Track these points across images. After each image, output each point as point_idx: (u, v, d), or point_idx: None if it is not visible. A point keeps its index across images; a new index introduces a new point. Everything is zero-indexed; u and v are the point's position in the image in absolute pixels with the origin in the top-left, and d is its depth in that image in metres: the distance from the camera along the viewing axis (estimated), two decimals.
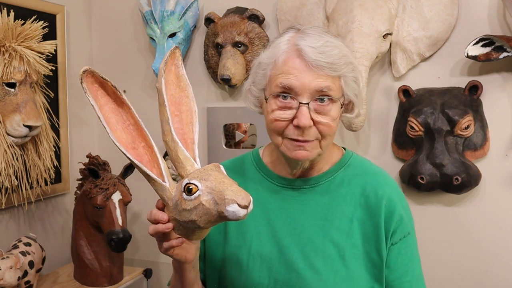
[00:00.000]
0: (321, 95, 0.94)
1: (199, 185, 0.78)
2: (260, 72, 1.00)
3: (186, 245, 0.90)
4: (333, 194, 1.03)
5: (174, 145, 0.85)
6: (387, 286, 1.02)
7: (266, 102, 0.98)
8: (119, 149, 0.82)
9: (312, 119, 0.93)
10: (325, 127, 0.95)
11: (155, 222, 0.84)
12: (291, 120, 0.94)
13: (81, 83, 0.81)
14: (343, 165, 1.07)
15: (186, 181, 0.80)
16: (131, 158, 0.82)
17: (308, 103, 0.93)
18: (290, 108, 0.95)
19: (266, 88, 0.99)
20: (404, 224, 1.02)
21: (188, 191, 0.79)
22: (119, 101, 0.84)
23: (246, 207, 0.76)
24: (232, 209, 0.75)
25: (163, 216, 0.84)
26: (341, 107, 0.99)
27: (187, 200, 0.79)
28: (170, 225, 0.83)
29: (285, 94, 0.94)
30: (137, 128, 0.85)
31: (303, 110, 0.93)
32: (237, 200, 0.75)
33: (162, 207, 0.86)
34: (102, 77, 0.82)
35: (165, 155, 1.78)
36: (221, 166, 0.83)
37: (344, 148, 1.12)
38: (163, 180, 0.83)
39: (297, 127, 0.94)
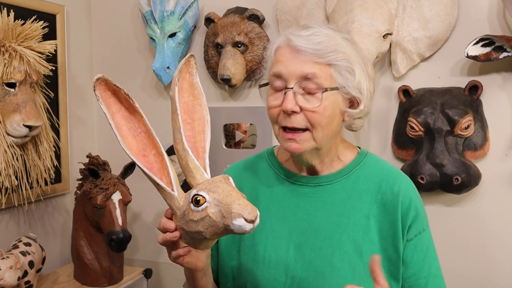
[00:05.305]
0: (307, 82, 0.95)
1: (207, 197, 0.79)
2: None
3: (196, 253, 0.91)
4: (349, 192, 1.04)
5: (184, 154, 0.86)
6: (403, 283, 1.02)
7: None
8: (130, 157, 0.82)
9: (299, 105, 0.95)
10: (312, 113, 0.95)
11: (164, 231, 0.85)
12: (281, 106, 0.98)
13: (94, 90, 0.82)
14: (358, 163, 1.07)
15: (194, 192, 0.80)
16: (141, 166, 0.82)
17: (292, 88, 0.95)
18: (280, 94, 0.98)
19: None
20: (419, 220, 1.03)
21: (196, 202, 0.79)
22: (131, 109, 0.85)
23: (252, 221, 0.76)
24: (239, 223, 0.76)
25: (171, 225, 0.84)
26: (342, 100, 0.99)
27: (194, 211, 0.79)
28: (177, 233, 0.84)
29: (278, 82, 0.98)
30: (148, 136, 0.85)
31: (288, 95, 0.95)
32: (243, 214, 0.76)
33: (170, 216, 0.87)
34: (115, 85, 0.83)
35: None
36: (230, 178, 0.83)
37: (359, 148, 1.12)
38: (172, 189, 0.83)
39: (285, 112, 0.96)
